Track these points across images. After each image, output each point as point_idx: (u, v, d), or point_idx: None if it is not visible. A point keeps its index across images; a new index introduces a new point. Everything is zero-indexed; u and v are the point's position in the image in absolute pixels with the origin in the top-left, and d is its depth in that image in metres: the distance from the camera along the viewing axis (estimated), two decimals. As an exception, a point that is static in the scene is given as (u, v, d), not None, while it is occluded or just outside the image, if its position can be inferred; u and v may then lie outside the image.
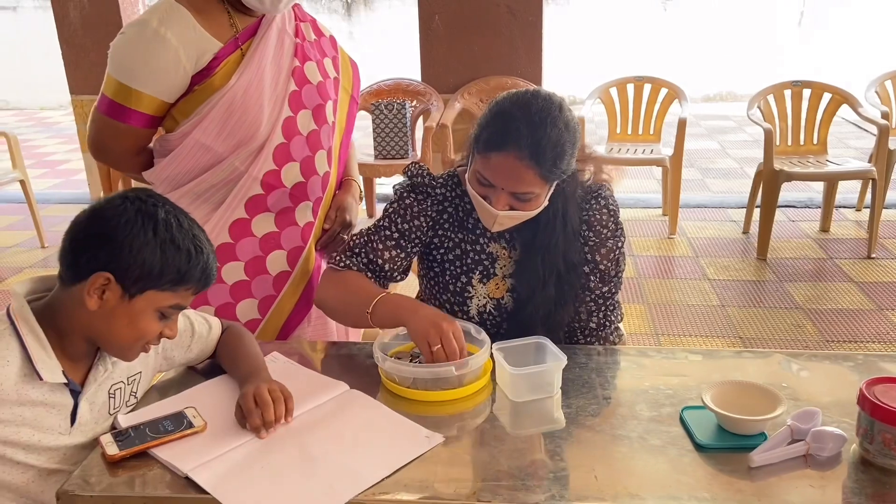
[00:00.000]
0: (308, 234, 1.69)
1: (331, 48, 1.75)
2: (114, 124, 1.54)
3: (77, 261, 1.12)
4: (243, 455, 1.14)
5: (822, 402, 1.22)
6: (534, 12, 4.21)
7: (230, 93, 1.52)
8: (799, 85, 4.09)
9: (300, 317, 1.72)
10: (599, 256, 1.49)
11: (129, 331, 1.15)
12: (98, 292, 1.12)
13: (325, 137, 1.67)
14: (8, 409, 1.12)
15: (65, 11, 4.64)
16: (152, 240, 1.11)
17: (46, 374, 1.13)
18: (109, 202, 1.14)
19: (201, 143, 1.54)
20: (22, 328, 1.13)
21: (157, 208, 1.14)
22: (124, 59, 1.50)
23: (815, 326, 3.09)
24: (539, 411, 1.27)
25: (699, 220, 4.47)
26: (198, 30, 1.50)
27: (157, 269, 1.12)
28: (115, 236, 1.10)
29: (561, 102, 1.36)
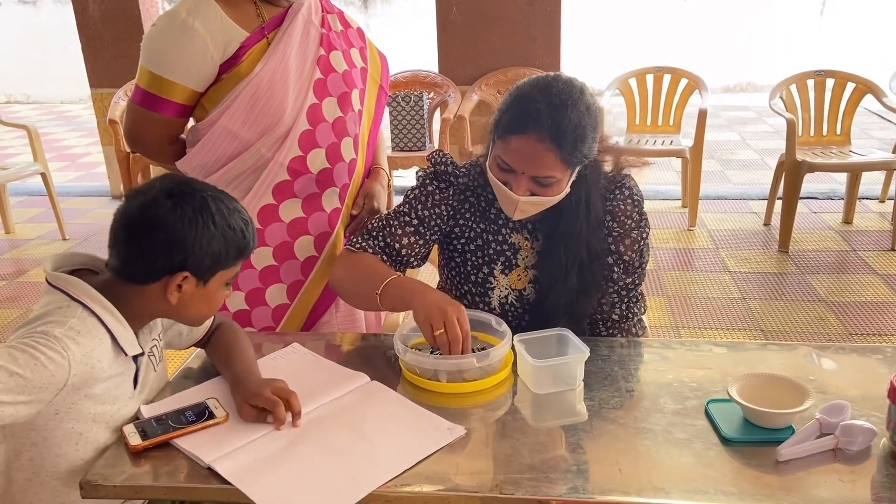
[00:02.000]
0: (335, 219, 1.70)
1: (358, 39, 1.76)
2: (147, 114, 1.58)
3: (151, 266, 1.17)
4: (265, 446, 1.13)
5: (851, 395, 1.20)
6: (552, 2, 4.18)
7: (255, 80, 1.54)
8: (822, 74, 4.03)
9: (328, 302, 1.73)
10: (623, 247, 1.47)
11: (207, 307, 1.26)
12: (177, 288, 1.19)
13: (352, 125, 1.68)
14: (101, 384, 1.16)
15: (84, 5, 4.67)
16: (214, 231, 1.18)
17: (129, 349, 1.20)
18: (160, 205, 1.16)
19: (228, 130, 1.56)
20: (96, 308, 1.16)
21: (206, 198, 1.19)
22: (155, 50, 1.54)
23: (838, 319, 3.05)
24: (561, 404, 1.25)
25: (719, 211, 4.42)
26: (225, 20, 1.53)
27: (223, 254, 1.20)
28: (184, 239, 1.16)
29: (582, 86, 1.34)
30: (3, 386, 1.03)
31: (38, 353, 1.07)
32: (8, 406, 1.05)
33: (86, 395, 1.14)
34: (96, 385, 1.15)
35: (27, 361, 1.06)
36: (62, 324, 1.12)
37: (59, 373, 1.08)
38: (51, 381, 1.08)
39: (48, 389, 1.08)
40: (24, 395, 1.06)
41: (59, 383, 1.09)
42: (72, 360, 1.09)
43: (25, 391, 1.06)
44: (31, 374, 1.06)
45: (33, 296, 3.60)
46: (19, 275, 3.86)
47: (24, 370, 1.05)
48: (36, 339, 1.09)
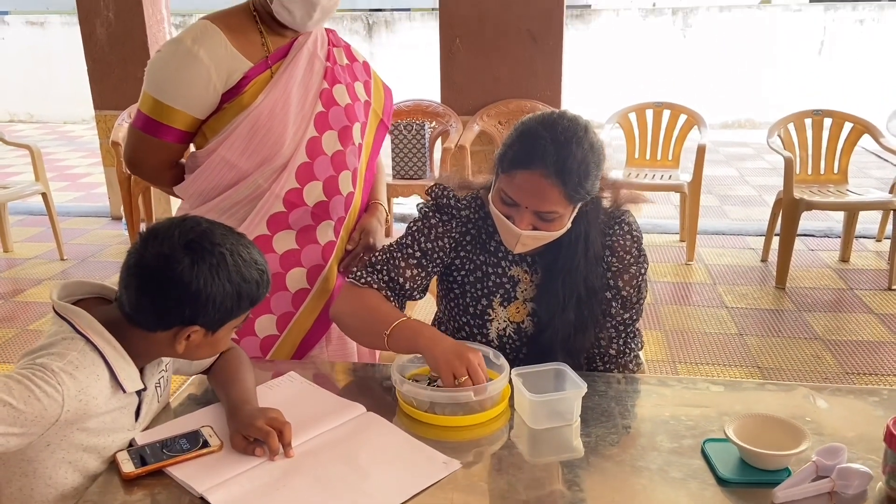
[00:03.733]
0: (329, 252, 1.69)
1: (363, 73, 1.77)
2: (148, 139, 1.58)
3: (162, 319, 1.16)
4: (259, 476, 1.13)
5: (847, 437, 1.20)
6: (554, 37, 4.23)
7: (256, 111, 1.55)
8: (820, 114, 4.07)
9: (318, 335, 1.71)
10: (622, 282, 1.48)
11: (212, 351, 1.27)
12: (185, 338, 1.18)
13: (352, 158, 1.69)
14: (96, 419, 1.15)
15: (92, 28, 4.73)
16: (229, 286, 1.16)
17: (129, 385, 1.18)
18: (178, 260, 1.13)
19: (226, 160, 1.57)
20: (97, 342, 1.15)
21: (224, 252, 1.16)
22: (159, 77, 1.55)
23: (834, 358, 3.05)
24: (557, 439, 1.25)
25: (717, 246, 4.44)
26: (229, 49, 1.54)
27: (235, 306, 1.19)
28: (198, 296, 1.14)
29: (586, 124, 1.36)
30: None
31: (34, 385, 1.06)
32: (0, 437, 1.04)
33: (79, 429, 1.14)
34: (90, 420, 1.14)
35: (21, 393, 1.05)
36: (62, 357, 1.11)
37: (52, 407, 1.07)
38: (43, 414, 1.07)
39: (40, 423, 1.08)
40: (16, 426, 1.05)
41: (51, 417, 1.08)
42: (66, 396, 1.09)
43: (18, 423, 1.05)
44: (25, 407, 1.05)
45: (29, 315, 3.59)
46: (16, 294, 3.86)
47: (18, 402, 1.04)
48: (34, 370, 1.08)
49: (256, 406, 1.26)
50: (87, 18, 4.72)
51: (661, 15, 8.28)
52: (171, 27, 4.98)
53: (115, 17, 4.67)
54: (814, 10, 8.05)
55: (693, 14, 8.21)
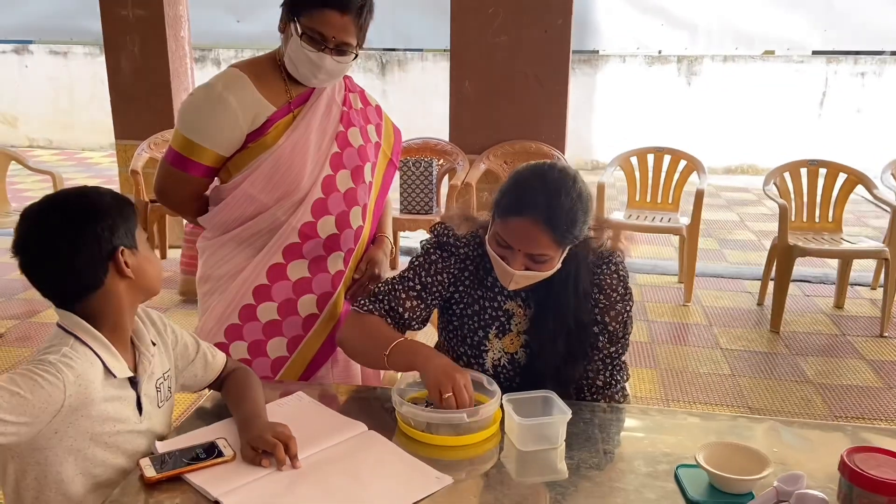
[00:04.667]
0: (338, 281, 1.82)
1: (375, 116, 1.93)
2: (177, 173, 1.74)
3: (90, 265, 1.27)
4: (268, 485, 1.24)
5: (809, 467, 1.29)
6: (560, 82, 4.40)
7: (278, 151, 1.71)
8: (815, 164, 4.20)
9: (325, 357, 1.84)
10: (609, 318, 1.59)
11: (152, 266, 1.37)
12: (125, 264, 1.29)
13: (362, 195, 1.83)
14: (97, 406, 1.26)
15: (117, 61, 4.93)
16: (110, 212, 1.29)
17: (118, 371, 1.30)
18: (52, 220, 1.27)
19: (249, 194, 1.72)
20: (85, 337, 1.27)
21: (85, 198, 1.30)
22: (191, 118, 1.71)
23: (824, 402, 3.13)
24: (543, 461, 1.35)
25: (715, 289, 4.54)
26: (256, 95, 1.70)
27: (128, 221, 1.31)
28: (98, 228, 1.26)
29: (575, 175, 1.49)
30: (7, 406, 1.15)
31: (37, 376, 1.19)
32: (11, 426, 1.16)
33: (83, 416, 1.25)
34: (93, 406, 1.26)
35: (27, 384, 1.17)
36: (57, 351, 1.24)
37: (55, 393, 1.19)
38: (49, 401, 1.19)
39: (47, 410, 1.19)
40: (26, 415, 1.17)
41: (57, 403, 1.20)
42: (66, 382, 1.20)
43: (27, 412, 1.17)
44: (31, 395, 1.17)
45: (44, 335, 3.68)
46: (32, 315, 3.98)
47: (25, 392, 1.17)
48: (34, 365, 1.21)
49: (265, 420, 1.37)
50: (113, 51, 4.93)
51: (666, 63, 8.50)
52: (193, 62, 5.19)
53: (140, 52, 4.88)
54: (816, 62, 8.25)
55: (698, 63, 8.43)
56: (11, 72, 9.56)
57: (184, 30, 5.02)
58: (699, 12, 7.85)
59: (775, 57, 8.37)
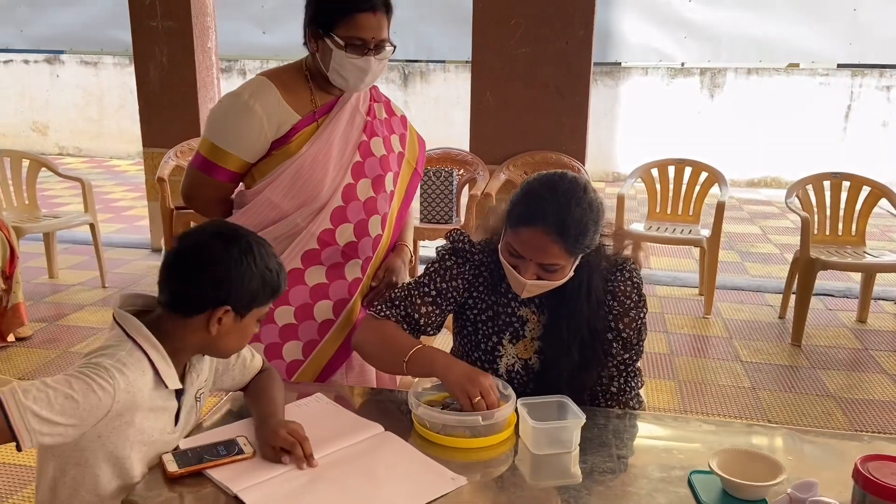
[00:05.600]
0: (355, 288, 1.85)
1: (400, 126, 1.96)
2: (204, 178, 1.79)
3: (197, 298, 1.32)
4: (286, 481, 1.27)
5: (824, 475, 1.29)
6: (581, 93, 4.42)
7: (300, 159, 1.74)
8: (838, 177, 4.18)
9: (340, 362, 1.87)
10: (622, 325, 1.61)
11: (239, 341, 1.41)
12: (217, 321, 1.33)
13: (382, 204, 1.86)
14: (142, 414, 1.30)
15: (146, 71, 5.04)
16: (255, 271, 1.33)
17: (170, 383, 1.33)
18: (211, 244, 1.33)
19: (271, 200, 1.76)
20: (144, 344, 1.31)
21: (251, 242, 1.34)
22: (218, 124, 1.76)
23: (845, 415, 3.10)
24: (557, 465, 1.37)
25: (736, 302, 4.52)
26: (281, 103, 1.74)
27: (261, 292, 1.35)
28: (228, 277, 1.31)
29: (586, 184, 1.51)
30: (60, 408, 1.19)
31: (91, 380, 1.22)
32: (60, 426, 1.20)
33: (126, 422, 1.29)
34: (137, 413, 1.29)
35: (81, 387, 1.21)
36: (112, 356, 1.28)
37: (105, 399, 1.23)
38: (98, 405, 1.23)
39: (94, 414, 1.23)
40: (75, 418, 1.21)
41: (104, 408, 1.24)
42: (117, 389, 1.24)
43: (76, 415, 1.21)
44: (83, 399, 1.21)
45: (71, 338, 3.79)
46: (59, 318, 4.06)
47: (78, 395, 1.21)
48: (90, 368, 1.25)
49: (280, 419, 1.40)
50: (143, 62, 5.04)
51: (689, 75, 8.48)
52: (220, 72, 5.28)
53: (168, 62, 4.99)
54: (841, 76, 8.19)
55: (721, 75, 8.40)
56: (43, 81, 9.78)
57: (211, 41, 5.12)
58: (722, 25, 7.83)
59: (800, 70, 8.32)
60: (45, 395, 1.18)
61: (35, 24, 8.92)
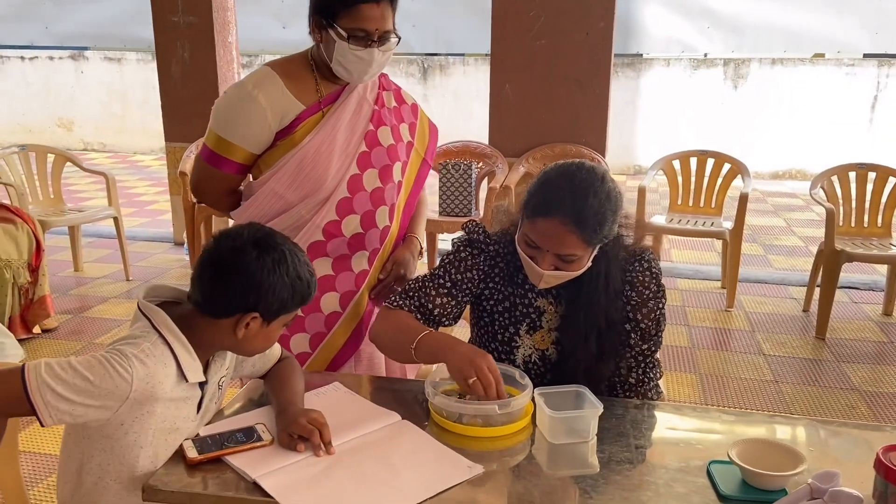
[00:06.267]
0: (361, 280, 1.84)
1: (410, 115, 1.94)
2: (211, 170, 1.79)
3: (228, 302, 1.34)
4: (304, 468, 1.27)
5: (845, 466, 1.28)
6: (601, 85, 4.39)
7: (304, 149, 1.73)
8: (864, 168, 4.11)
9: (348, 354, 1.87)
10: (641, 315, 1.59)
11: (265, 344, 1.43)
12: (245, 325, 1.35)
13: (390, 194, 1.84)
14: (163, 405, 1.32)
15: (167, 66, 5.09)
16: (286, 281, 1.34)
17: (192, 377, 1.35)
18: (247, 252, 1.33)
19: (275, 192, 1.75)
20: (169, 337, 1.33)
21: (285, 251, 1.36)
22: (223, 116, 1.76)
23: (869, 409, 3.06)
24: (574, 455, 1.36)
25: (759, 295, 4.47)
26: (286, 93, 1.73)
27: (290, 300, 1.37)
28: (261, 284, 1.33)
29: (603, 174, 1.49)
30: (75, 387, 1.22)
31: (109, 365, 1.25)
32: (78, 406, 1.23)
33: (148, 412, 1.31)
34: (157, 404, 1.31)
35: (98, 370, 1.24)
36: (136, 345, 1.30)
37: (121, 385, 1.25)
38: (114, 390, 1.25)
39: (113, 398, 1.25)
40: (91, 398, 1.23)
41: (122, 394, 1.26)
42: (134, 377, 1.26)
43: (93, 396, 1.23)
44: (99, 382, 1.23)
45: (95, 330, 3.84)
46: (84, 310, 4.12)
47: (94, 377, 1.23)
48: (112, 354, 1.27)
49: (301, 407, 1.41)
50: (164, 57, 5.09)
51: (712, 66, 8.38)
52: (240, 67, 5.32)
53: (189, 57, 5.03)
54: (867, 66, 8.04)
55: (745, 66, 8.29)
56: (68, 77, 9.91)
57: (231, 35, 5.15)
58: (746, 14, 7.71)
59: (825, 60, 8.19)
60: (65, 373, 1.22)
61: (60, 21, 9.04)
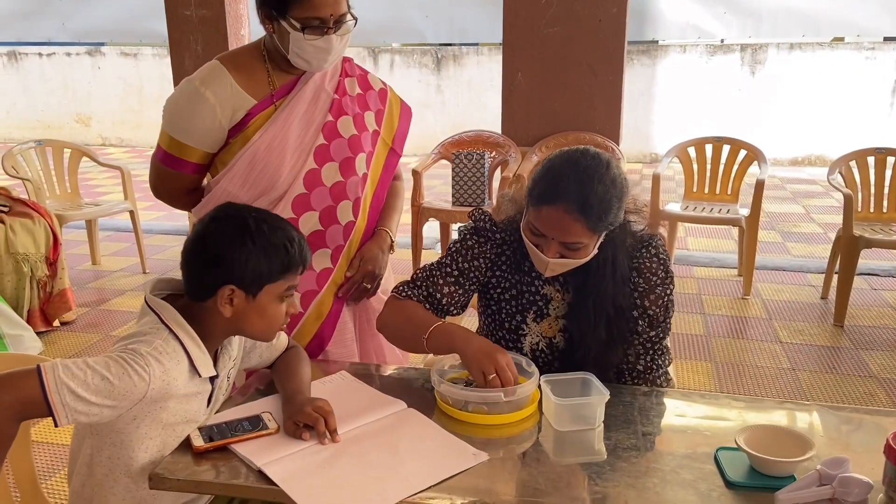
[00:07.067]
0: (324, 279, 1.77)
1: (377, 101, 1.85)
2: (167, 171, 1.75)
3: (202, 282, 1.35)
4: (309, 456, 1.28)
5: (857, 452, 1.27)
6: (614, 71, 4.34)
7: (254, 146, 1.68)
8: (883, 152, 4.04)
9: (313, 355, 1.76)
10: (648, 302, 1.58)
11: (262, 321, 1.39)
12: (228, 301, 1.34)
13: (353, 188, 1.76)
14: (175, 401, 1.33)
15: (181, 60, 5.10)
16: (253, 248, 1.32)
17: (203, 371, 1.36)
18: (208, 227, 1.35)
19: (228, 191, 1.70)
20: (179, 332, 1.34)
21: (248, 219, 1.35)
22: (172, 115, 1.71)
23: (888, 396, 3.02)
24: (581, 442, 1.36)
25: (776, 282, 4.42)
26: (234, 88, 1.67)
27: (265, 269, 1.34)
28: (226, 255, 1.32)
29: (609, 160, 1.47)
30: (94, 388, 1.22)
31: (128, 365, 1.25)
32: (94, 406, 1.23)
33: (161, 408, 1.31)
34: (171, 400, 1.32)
35: (117, 371, 1.24)
36: (150, 343, 1.30)
37: (140, 385, 1.26)
38: (133, 391, 1.25)
39: (129, 398, 1.26)
40: (109, 399, 1.24)
41: (139, 394, 1.26)
42: (152, 376, 1.27)
43: (111, 396, 1.24)
44: (118, 383, 1.24)
45: (113, 322, 3.88)
46: (101, 303, 4.17)
47: (114, 378, 1.23)
48: (128, 353, 1.27)
49: (307, 396, 1.41)
50: (178, 50, 5.10)
51: (729, 52, 8.27)
52: (253, 60, 5.32)
53: (203, 50, 5.04)
54: (888, 49, 7.90)
55: (762, 51, 8.18)
56: (85, 73, 10.00)
57: (244, 28, 5.16)
58: (764, -2, 7.61)
59: (845, 44, 8.05)
60: (83, 373, 1.22)
61: (76, 17, 9.11)
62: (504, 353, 1.44)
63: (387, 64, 9.07)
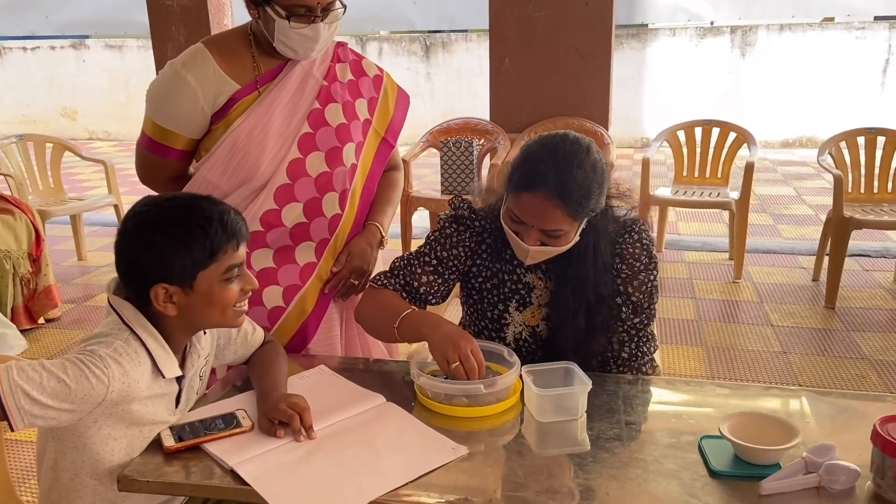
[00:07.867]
0: (308, 273, 1.71)
1: (371, 89, 1.78)
2: (151, 157, 1.71)
3: (134, 289, 1.30)
4: (284, 454, 1.24)
5: (843, 438, 1.24)
6: (603, 55, 4.30)
7: (234, 133, 1.62)
8: (873, 132, 4.01)
9: (296, 351, 1.73)
10: (632, 288, 1.55)
11: (213, 309, 1.31)
12: (167, 300, 1.28)
13: (340, 180, 1.70)
14: (139, 402, 1.28)
15: (164, 51, 5.04)
16: (167, 242, 1.26)
17: (168, 372, 1.31)
18: (119, 231, 1.30)
19: (208, 180, 1.64)
20: (141, 333, 1.29)
21: (151, 213, 1.28)
22: (154, 100, 1.66)
23: (879, 377, 3.00)
24: (563, 433, 1.33)
25: (767, 265, 4.40)
26: (217, 72, 1.62)
27: (188, 259, 1.26)
28: (139, 258, 1.27)
29: (588, 145, 1.43)
30: (52, 391, 1.18)
31: (86, 367, 1.21)
32: (51, 410, 1.19)
33: (123, 410, 1.27)
34: (133, 403, 1.27)
35: (75, 373, 1.20)
36: (109, 345, 1.26)
37: (98, 387, 1.21)
38: (91, 393, 1.21)
39: (87, 401, 1.22)
40: (67, 402, 1.20)
41: (98, 397, 1.22)
42: (111, 378, 1.23)
43: (68, 399, 1.20)
44: (76, 385, 1.19)
45: (99, 318, 3.81)
46: (87, 299, 4.12)
47: (71, 381, 1.19)
48: (86, 355, 1.23)
49: (282, 392, 1.38)
50: (160, 41, 5.04)
51: (719, 34, 8.23)
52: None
53: (185, 41, 4.96)
54: (878, 28, 7.86)
55: (752, 33, 8.13)
56: (70, 66, 9.90)
57: (227, 17, 5.09)
58: (753, -20, 7.56)
59: (835, 24, 8.01)
60: (38, 375, 1.18)
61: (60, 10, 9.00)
62: (469, 340, 1.40)
63: (375, 52, 9.00)
